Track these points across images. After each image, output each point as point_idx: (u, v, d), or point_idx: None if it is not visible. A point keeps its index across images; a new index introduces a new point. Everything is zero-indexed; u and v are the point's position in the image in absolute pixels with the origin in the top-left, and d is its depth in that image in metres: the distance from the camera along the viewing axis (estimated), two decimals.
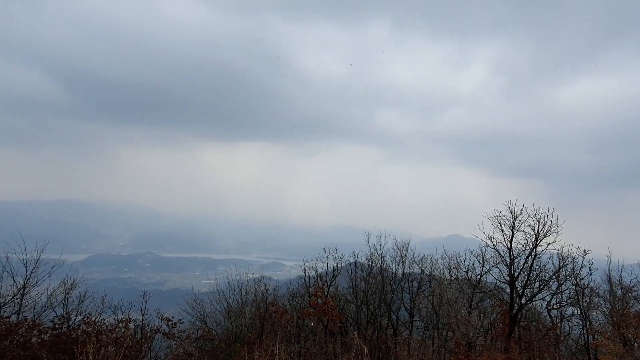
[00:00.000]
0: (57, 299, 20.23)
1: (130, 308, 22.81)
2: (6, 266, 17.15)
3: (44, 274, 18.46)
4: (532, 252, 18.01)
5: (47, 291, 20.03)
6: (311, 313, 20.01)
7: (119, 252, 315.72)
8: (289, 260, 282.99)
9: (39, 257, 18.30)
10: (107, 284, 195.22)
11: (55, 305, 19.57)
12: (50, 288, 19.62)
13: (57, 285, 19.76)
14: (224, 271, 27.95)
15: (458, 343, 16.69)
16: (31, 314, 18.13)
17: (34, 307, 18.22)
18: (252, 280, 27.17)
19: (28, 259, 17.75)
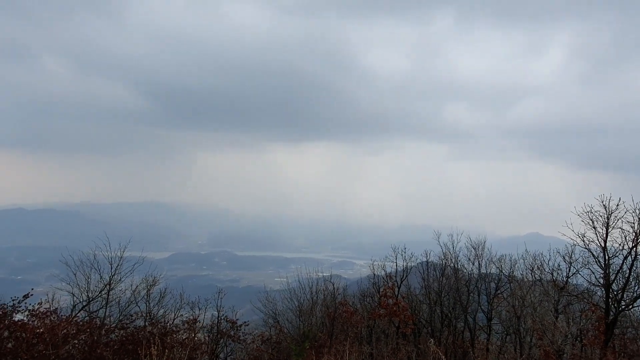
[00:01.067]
0: (140, 295, 21.42)
1: (206, 305, 23.71)
2: (94, 263, 18.40)
3: (127, 270, 19.60)
4: (631, 252, 16.13)
5: (131, 287, 21.27)
6: (382, 314, 19.49)
7: (197, 251, 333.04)
8: (360, 258, 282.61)
9: (123, 255, 19.45)
10: (187, 280, 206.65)
11: (138, 300, 20.73)
12: (134, 284, 20.83)
13: (140, 281, 20.89)
14: (295, 269, 28.25)
15: (547, 352, 15.35)
16: (116, 309, 19.30)
17: (118, 302, 19.39)
18: (322, 278, 27.15)
19: (113, 256, 18.91)
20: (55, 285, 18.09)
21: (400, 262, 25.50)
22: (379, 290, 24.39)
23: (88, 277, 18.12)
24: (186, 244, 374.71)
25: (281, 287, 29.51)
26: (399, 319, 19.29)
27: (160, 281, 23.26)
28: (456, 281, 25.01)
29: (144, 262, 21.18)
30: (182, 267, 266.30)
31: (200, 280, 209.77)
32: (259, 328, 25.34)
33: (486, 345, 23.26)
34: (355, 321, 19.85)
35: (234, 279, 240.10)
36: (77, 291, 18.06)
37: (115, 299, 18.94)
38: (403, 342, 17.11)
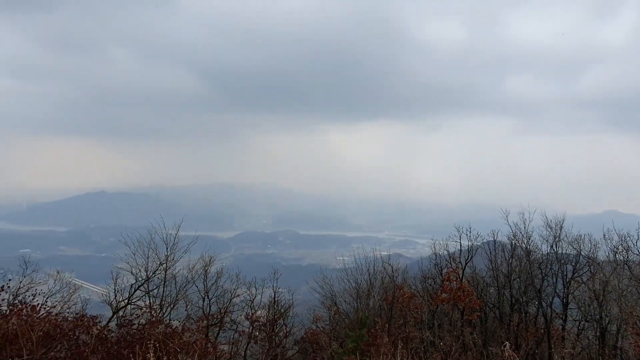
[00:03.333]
0: (199, 273, 21.58)
1: (263, 284, 23.58)
2: (150, 244, 18.58)
3: (182, 249, 19.69)
4: None
5: (189, 266, 21.47)
6: (444, 299, 18.17)
7: (262, 230, 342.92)
8: (421, 237, 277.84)
9: (177, 234, 19.54)
10: (254, 258, 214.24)
11: (195, 279, 20.89)
12: (191, 263, 21.00)
13: (196, 260, 21.01)
14: (357, 248, 27.55)
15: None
16: (174, 288, 19.49)
17: (174, 281, 19.56)
18: (382, 258, 26.16)
19: (169, 235, 19.04)
20: (117, 265, 18.52)
21: (464, 242, 23.87)
22: (441, 271, 22.97)
23: (146, 256, 18.36)
24: (251, 224, 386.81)
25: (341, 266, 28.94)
26: (464, 304, 17.85)
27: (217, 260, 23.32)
28: (528, 263, 22.96)
29: (197, 240, 21.14)
30: (248, 245, 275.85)
31: (265, 259, 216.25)
32: (317, 308, 24.93)
33: (562, 333, 21.25)
34: (415, 305, 18.69)
35: (298, 257, 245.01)
36: (137, 270, 18.35)
37: (171, 278, 19.05)
38: (469, 329, 15.78)
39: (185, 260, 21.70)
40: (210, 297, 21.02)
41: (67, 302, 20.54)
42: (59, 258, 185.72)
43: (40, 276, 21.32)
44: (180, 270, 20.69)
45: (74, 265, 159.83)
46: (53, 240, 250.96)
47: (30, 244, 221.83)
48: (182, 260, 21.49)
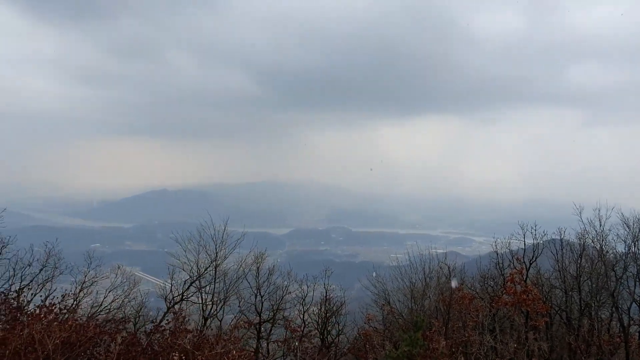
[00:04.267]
0: (250, 270, 21.63)
1: (315, 282, 23.30)
2: (200, 241, 18.78)
3: (230, 247, 19.78)
4: None
5: (241, 262, 21.56)
6: (507, 302, 16.96)
7: (315, 227, 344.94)
8: (478, 235, 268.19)
9: (225, 231, 19.64)
10: (307, 255, 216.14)
11: (247, 275, 20.94)
12: (240, 260, 21.07)
13: (246, 256, 21.05)
14: (410, 246, 26.70)
15: None
16: (223, 284, 19.61)
17: (224, 278, 19.67)
18: (437, 256, 25.12)
19: (217, 232, 19.16)
20: (170, 262, 18.86)
21: (528, 241, 22.32)
22: (503, 272, 21.60)
23: (197, 253, 18.58)
24: (305, 221, 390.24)
25: (395, 264, 28.18)
26: (529, 308, 16.57)
27: (271, 257, 23.37)
28: (602, 263, 21.07)
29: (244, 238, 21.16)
30: (301, 242, 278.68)
31: (318, 255, 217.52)
32: (369, 307, 24.32)
33: None
34: (474, 308, 17.60)
35: (351, 254, 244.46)
36: (189, 267, 18.61)
37: (222, 274, 19.16)
38: (534, 335, 14.60)
39: (239, 256, 21.87)
40: (262, 294, 21.04)
41: (128, 296, 21.32)
42: (125, 253, 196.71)
43: (104, 270, 22.34)
44: (232, 266, 20.82)
45: (139, 259, 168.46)
46: (120, 236, 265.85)
47: (100, 239, 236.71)
48: (236, 257, 21.68)
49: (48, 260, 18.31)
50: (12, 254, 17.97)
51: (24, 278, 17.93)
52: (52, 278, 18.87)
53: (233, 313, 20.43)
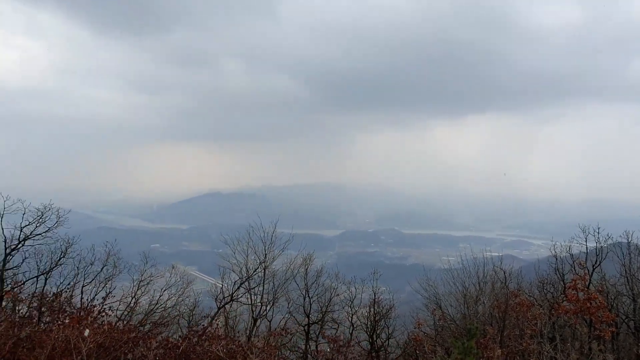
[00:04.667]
0: (299, 271, 21.74)
1: (363, 284, 23.06)
2: (249, 242, 19.07)
3: (279, 248, 19.95)
4: None
5: (289, 264, 21.72)
6: (569, 310, 15.90)
7: (365, 229, 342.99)
8: (536, 238, 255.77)
9: (274, 233, 19.82)
10: (357, 257, 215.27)
11: (296, 276, 21.05)
12: (289, 261, 21.20)
13: (294, 258, 21.14)
14: (463, 248, 25.90)
15: None
16: (272, 286, 19.80)
17: (273, 279, 19.86)
18: (492, 259, 24.14)
19: (266, 234, 19.38)
20: (221, 263, 19.29)
21: (591, 244, 20.92)
22: (563, 277, 20.35)
23: (246, 254, 18.88)
24: (355, 222, 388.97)
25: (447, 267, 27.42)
26: (593, 317, 15.45)
27: (322, 258, 23.42)
28: None
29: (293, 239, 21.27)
30: (351, 244, 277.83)
31: (368, 257, 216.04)
32: (420, 311, 23.73)
33: None
34: (532, 315, 16.66)
35: (401, 256, 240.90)
36: (238, 268, 18.94)
37: (271, 275, 19.36)
38: (598, 345, 13.58)
39: (287, 257, 22.05)
40: (310, 295, 21.08)
41: (182, 295, 22.06)
42: (183, 253, 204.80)
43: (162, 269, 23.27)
44: (280, 267, 21.00)
45: (195, 259, 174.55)
46: (177, 237, 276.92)
47: (159, 240, 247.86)
48: (285, 258, 21.88)
49: (108, 260, 19.29)
50: (76, 254, 19.11)
51: (86, 276, 19.01)
52: (112, 276, 19.88)
53: (282, 314, 20.60)
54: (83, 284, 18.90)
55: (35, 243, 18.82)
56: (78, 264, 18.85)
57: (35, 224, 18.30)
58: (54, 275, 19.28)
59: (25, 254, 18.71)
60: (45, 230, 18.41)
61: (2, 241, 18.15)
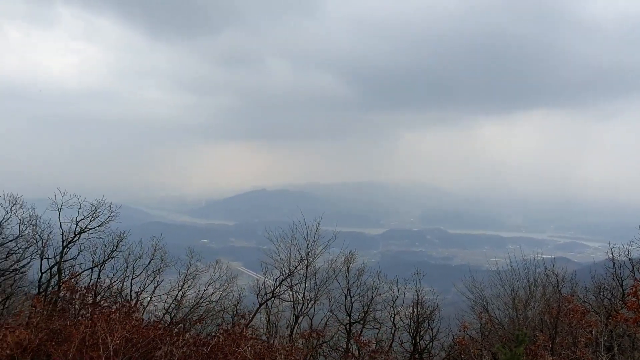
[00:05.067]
0: (340, 270, 21.63)
1: (406, 284, 22.61)
2: (292, 240, 19.14)
3: (322, 246, 19.90)
4: None
5: (332, 261, 21.63)
6: (628, 319, 14.83)
7: (410, 228, 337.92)
8: (592, 240, 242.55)
9: (317, 230, 19.79)
10: (401, 256, 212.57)
11: (337, 275, 20.94)
12: (332, 259, 21.12)
13: (336, 257, 21.04)
14: (512, 250, 24.87)
15: None
16: (314, 283, 19.79)
17: (315, 276, 19.84)
18: (544, 262, 23.01)
19: (309, 232, 19.38)
20: (263, 259, 19.49)
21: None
22: (622, 282, 19.07)
23: (288, 251, 18.97)
24: (399, 221, 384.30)
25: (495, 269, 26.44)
26: None
27: (365, 256, 23.23)
28: None
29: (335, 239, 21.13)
30: (395, 243, 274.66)
31: (413, 257, 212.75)
32: (465, 313, 22.98)
33: None
34: (587, 322, 15.68)
35: (447, 256, 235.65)
36: (280, 265, 19.06)
37: (312, 272, 19.35)
38: None
39: (330, 255, 21.99)
40: (352, 294, 20.92)
41: (225, 290, 22.48)
42: (230, 248, 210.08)
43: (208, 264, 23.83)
44: (322, 265, 20.95)
45: (241, 255, 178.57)
46: (225, 233, 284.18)
47: (208, 236, 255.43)
48: (327, 256, 21.81)
49: (155, 254, 19.97)
50: (126, 247, 19.94)
51: (135, 269, 19.79)
52: (159, 270, 20.58)
53: (323, 312, 20.56)
54: (132, 277, 19.69)
55: (90, 236, 19.80)
56: (127, 257, 19.65)
57: (90, 218, 19.24)
58: (107, 267, 20.20)
59: (80, 247, 19.71)
60: (98, 225, 19.31)
61: (60, 234, 19.19)
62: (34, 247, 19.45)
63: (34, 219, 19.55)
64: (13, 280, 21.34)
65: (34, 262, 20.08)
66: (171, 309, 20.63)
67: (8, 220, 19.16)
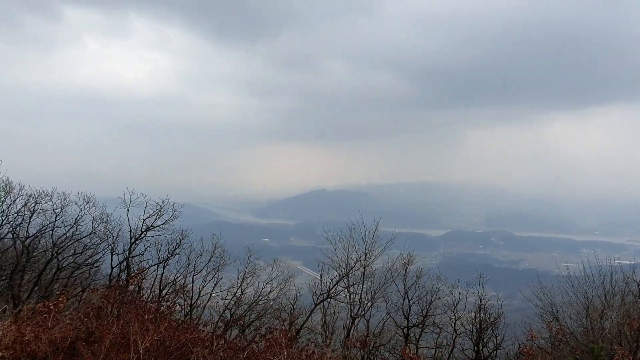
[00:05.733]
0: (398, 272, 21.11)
1: (468, 288, 21.66)
2: (350, 240, 18.92)
3: (380, 247, 19.52)
4: None
5: (390, 263, 21.19)
6: None
7: (473, 230, 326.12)
8: None
9: (376, 231, 19.42)
10: (463, 258, 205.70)
11: (395, 277, 20.47)
12: (390, 260, 20.67)
13: (395, 258, 20.56)
14: (586, 254, 23.12)
15: None
16: (371, 285, 19.44)
17: (372, 278, 19.48)
18: (622, 268, 21.18)
19: (367, 233, 19.07)
20: (320, 259, 19.44)
21: None
22: None
23: (346, 252, 18.77)
24: (461, 223, 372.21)
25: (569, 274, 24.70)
26: None
27: (426, 258, 22.59)
28: None
29: (394, 240, 20.62)
30: (457, 245, 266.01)
31: (476, 259, 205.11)
32: (533, 322, 21.58)
33: None
34: None
35: (513, 260, 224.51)
36: (337, 265, 18.91)
37: (371, 274, 19.01)
38: None
39: (388, 257, 21.55)
40: (410, 297, 20.34)
41: (282, 289, 22.71)
42: (289, 248, 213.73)
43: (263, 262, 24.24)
44: (380, 266, 20.56)
45: (301, 254, 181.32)
46: (285, 232, 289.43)
47: (268, 235, 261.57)
48: (385, 257, 21.40)
49: (215, 252, 20.58)
50: (188, 245, 20.73)
51: (197, 266, 20.51)
52: (219, 267, 21.20)
53: (380, 315, 20.16)
54: (194, 274, 20.40)
55: (155, 234, 20.78)
56: (189, 254, 20.40)
57: (155, 217, 20.18)
58: (171, 263, 21.11)
59: (147, 244, 20.75)
60: (162, 223, 20.21)
61: (128, 231, 20.30)
62: (106, 243, 20.72)
63: (106, 216, 20.85)
64: (88, 273, 22.98)
65: (105, 257, 21.43)
66: (231, 305, 21.16)
67: (82, 217, 20.54)
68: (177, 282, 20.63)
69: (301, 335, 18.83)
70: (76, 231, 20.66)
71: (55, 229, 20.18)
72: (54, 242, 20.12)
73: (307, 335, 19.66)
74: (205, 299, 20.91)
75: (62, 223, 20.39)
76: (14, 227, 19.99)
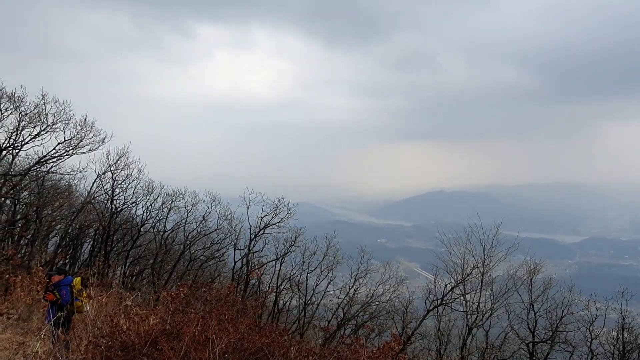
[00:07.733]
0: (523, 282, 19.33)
1: (608, 303, 18.94)
2: (467, 245, 17.82)
3: (501, 253, 18.00)
4: None
5: (513, 270, 19.52)
6: None
7: (616, 237, 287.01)
8: None
9: (496, 236, 17.96)
10: (603, 269, 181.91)
11: (518, 285, 18.76)
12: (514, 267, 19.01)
13: (518, 266, 18.82)
14: None
15: None
16: (491, 293, 18.05)
17: (491, 286, 18.07)
18: None
19: (486, 237, 17.76)
20: (435, 263, 18.64)
21: None
22: None
23: (462, 256, 17.71)
24: (602, 228, 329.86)
25: None
26: None
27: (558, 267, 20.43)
28: None
29: (519, 247, 18.84)
30: (596, 253, 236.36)
31: (620, 271, 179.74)
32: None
33: None
34: None
35: None
36: (453, 270, 17.95)
37: (490, 282, 17.65)
38: None
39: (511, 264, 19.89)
40: (536, 310, 18.43)
41: (395, 291, 22.29)
42: (406, 249, 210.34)
43: (375, 264, 24.09)
44: (501, 274, 19.02)
45: (417, 256, 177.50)
46: (401, 233, 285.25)
47: (385, 235, 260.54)
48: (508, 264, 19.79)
49: (328, 250, 20.96)
50: (303, 243, 21.44)
51: (311, 264, 21.11)
52: (332, 266, 21.55)
53: (501, 326, 18.62)
54: (308, 271, 21.02)
55: (272, 231, 21.85)
56: (304, 252, 21.08)
57: (272, 215, 21.23)
58: (287, 260, 22.04)
59: (265, 240, 21.94)
60: (279, 221, 21.17)
61: (248, 228, 21.67)
62: (229, 238, 22.41)
63: (229, 214, 22.54)
64: (216, 266, 25.19)
65: (229, 251, 23.19)
66: (343, 304, 21.38)
67: (209, 214, 22.52)
68: (293, 278, 21.46)
69: (413, 341, 18.24)
70: (204, 227, 22.70)
71: (187, 224, 22.43)
72: (185, 236, 22.37)
73: (419, 340, 19.00)
74: (319, 297, 21.42)
75: (193, 219, 22.61)
76: (155, 222, 22.72)
